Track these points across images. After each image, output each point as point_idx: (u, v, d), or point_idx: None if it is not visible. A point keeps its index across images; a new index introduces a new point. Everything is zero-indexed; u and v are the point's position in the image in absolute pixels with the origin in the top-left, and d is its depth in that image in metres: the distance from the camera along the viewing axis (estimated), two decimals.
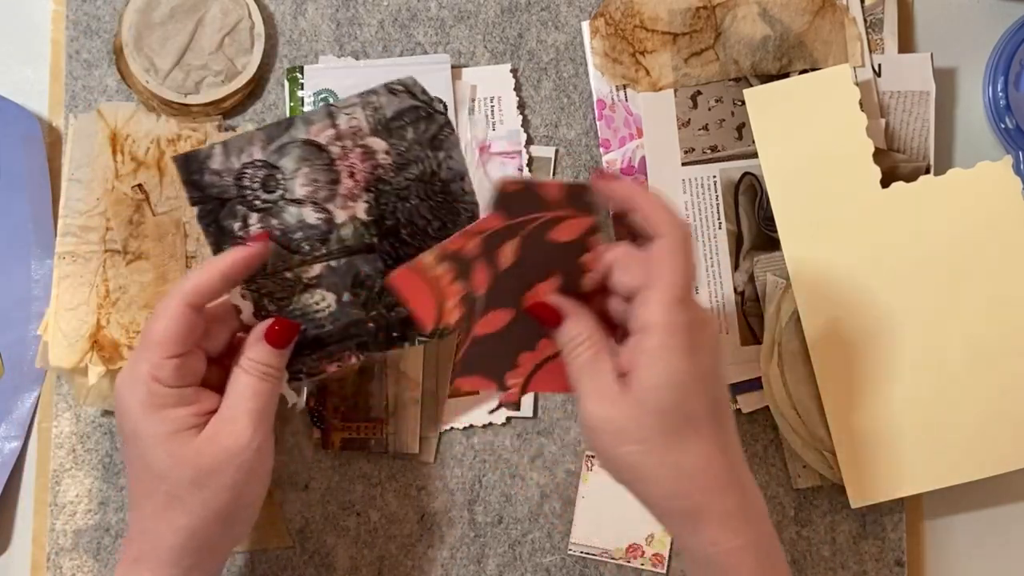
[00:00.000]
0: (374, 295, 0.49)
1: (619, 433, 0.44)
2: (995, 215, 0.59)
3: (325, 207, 0.48)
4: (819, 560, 0.61)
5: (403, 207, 0.49)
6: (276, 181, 0.48)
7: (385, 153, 0.48)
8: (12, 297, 0.60)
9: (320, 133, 0.48)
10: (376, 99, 0.48)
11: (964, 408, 0.58)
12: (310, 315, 0.49)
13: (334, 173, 0.48)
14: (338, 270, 0.49)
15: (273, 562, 0.60)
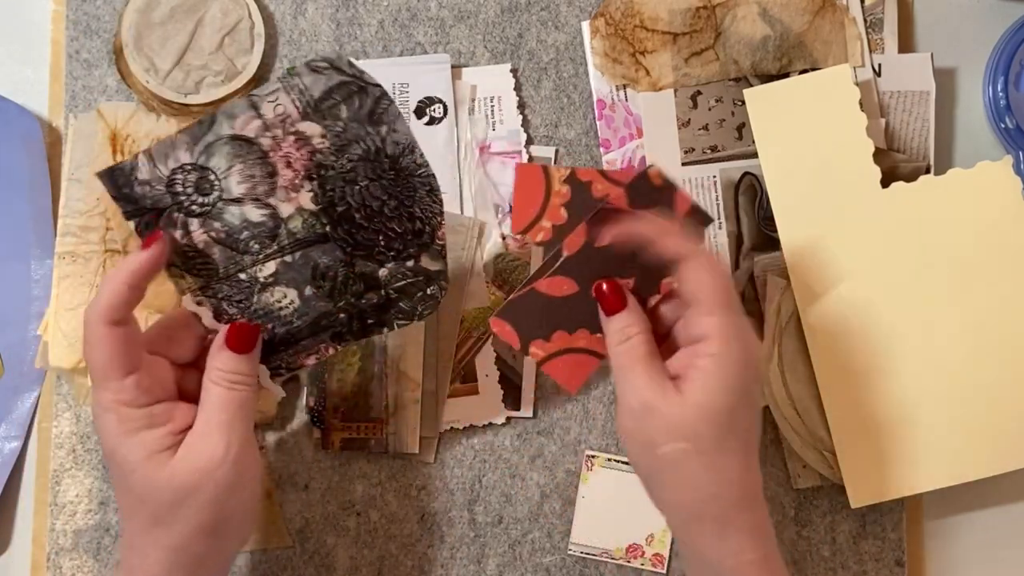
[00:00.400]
0: (339, 284, 0.47)
1: (671, 429, 0.45)
2: (995, 215, 0.59)
3: (267, 202, 0.46)
4: (819, 560, 0.61)
5: (352, 190, 0.46)
6: (210, 183, 0.45)
7: (321, 137, 0.45)
8: (12, 297, 0.60)
9: (246, 126, 0.45)
10: (299, 81, 0.45)
11: (964, 408, 0.58)
12: (275, 314, 0.48)
13: (269, 166, 0.45)
14: (294, 265, 0.47)
15: (273, 562, 0.60)
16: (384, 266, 0.46)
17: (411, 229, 0.46)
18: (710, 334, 0.46)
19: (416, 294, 0.47)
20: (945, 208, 0.59)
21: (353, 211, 0.46)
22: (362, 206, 0.46)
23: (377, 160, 0.46)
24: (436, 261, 0.46)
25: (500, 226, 0.61)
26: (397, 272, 0.46)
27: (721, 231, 0.61)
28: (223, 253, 0.46)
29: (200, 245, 0.46)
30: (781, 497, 0.61)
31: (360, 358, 0.60)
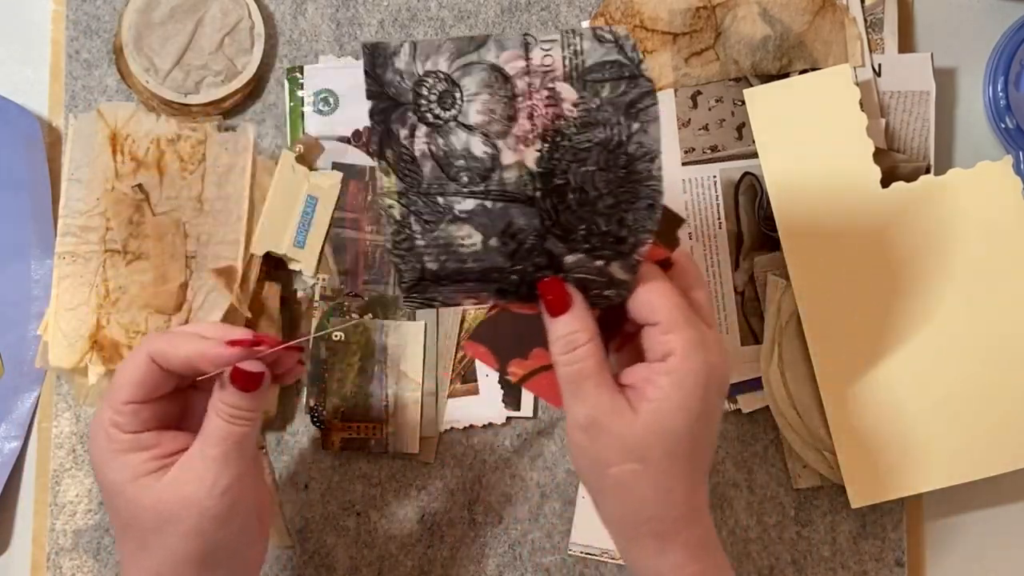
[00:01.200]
0: (523, 251, 0.45)
1: (623, 450, 0.44)
2: (995, 215, 0.59)
3: (495, 142, 0.44)
4: (819, 560, 0.61)
5: (576, 169, 0.43)
6: (453, 99, 0.43)
7: (573, 105, 0.43)
8: (12, 297, 0.60)
9: (510, 62, 0.43)
10: (579, 42, 0.43)
11: (964, 408, 0.58)
12: (454, 247, 0.45)
13: (513, 109, 0.43)
14: (492, 212, 0.44)
15: (273, 562, 0.60)
16: (573, 254, 0.44)
17: (615, 233, 0.44)
18: (669, 352, 0.44)
19: (593, 291, 0.45)
20: (945, 208, 0.59)
21: (569, 189, 0.44)
22: (579, 189, 0.44)
23: (615, 152, 0.43)
24: (626, 272, 0.44)
25: None
26: (583, 265, 0.44)
27: (721, 231, 0.61)
28: (433, 171, 0.44)
29: (417, 153, 0.44)
30: (781, 497, 0.61)
31: (360, 358, 0.60)
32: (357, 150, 0.61)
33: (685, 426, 0.43)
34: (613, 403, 0.44)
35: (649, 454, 0.43)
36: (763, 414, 0.61)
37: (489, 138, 0.44)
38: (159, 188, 0.58)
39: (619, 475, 0.44)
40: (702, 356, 0.44)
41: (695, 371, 0.43)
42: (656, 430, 0.43)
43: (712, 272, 0.61)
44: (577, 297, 0.45)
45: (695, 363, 0.43)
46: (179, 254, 0.58)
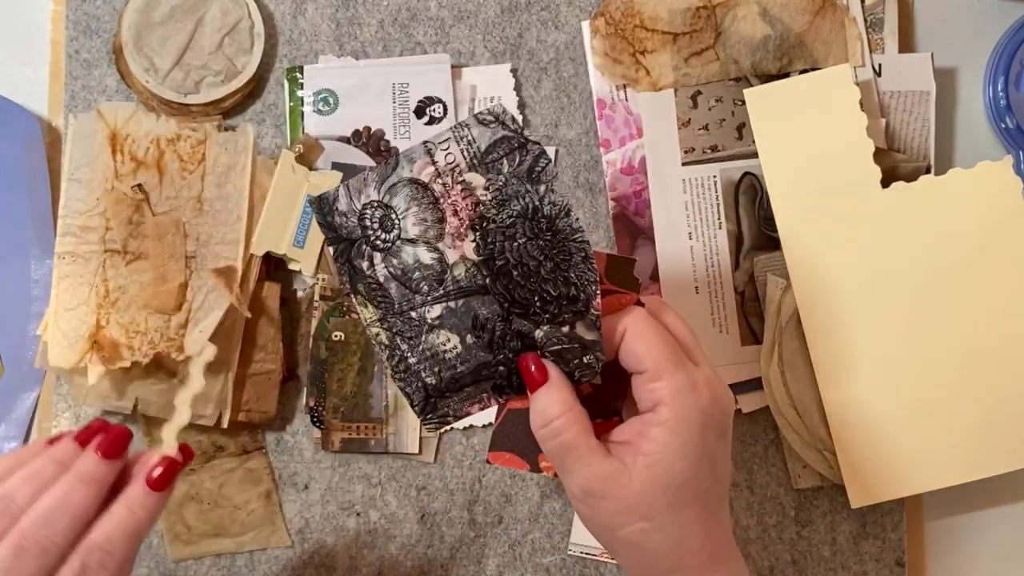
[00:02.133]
0: (497, 338, 0.47)
1: (628, 512, 0.43)
2: (995, 215, 0.59)
3: (436, 246, 0.47)
4: (819, 560, 0.61)
5: (511, 246, 0.46)
6: (391, 221, 0.47)
7: (484, 189, 0.46)
8: (12, 297, 0.60)
9: (422, 171, 0.47)
10: (468, 132, 0.46)
11: (964, 408, 0.58)
12: (439, 356, 0.48)
13: (439, 211, 0.47)
14: (457, 311, 0.47)
15: (273, 562, 0.60)
16: (540, 327, 0.46)
17: (566, 294, 0.45)
18: (659, 401, 0.43)
19: (572, 360, 0.46)
20: (945, 208, 0.59)
21: (511, 267, 0.46)
22: (519, 263, 0.46)
23: (535, 219, 0.46)
24: (591, 331, 0.45)
25: None
26: (553, 336, 0.46)
27: (721, 231, 0.61)
28: (399, 290, 0.47)
29: (381, 279, 0.47)
30: (781, 497, 0.61)
31: (360, 358, 0.60)
32: (357, 150, 0.61)
33: (686, 474, 0.43)
34: (602, 469, 0.43)
35: (654, 510, 0.43)
36: (763, 414, 0.61)
37: (431, 244, 0.47)
38: (159, 188, 0.58)
39: (628, 536, 0.43)
40: (692, 400, 0.43)
41: (687, 417, 0.43)
42: (656, 485, 0.42)
43: (712, 272, 0.61)
44: (553, 370, 0.45)
45: (686, 409, 0.43)
46: (179, 254, 0.58)
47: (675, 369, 0.43)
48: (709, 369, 0.45)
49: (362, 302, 0.48)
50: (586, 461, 0.43)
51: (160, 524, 0.59)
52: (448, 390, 0.48)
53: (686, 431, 0.43)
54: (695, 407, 0.43)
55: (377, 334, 0.48)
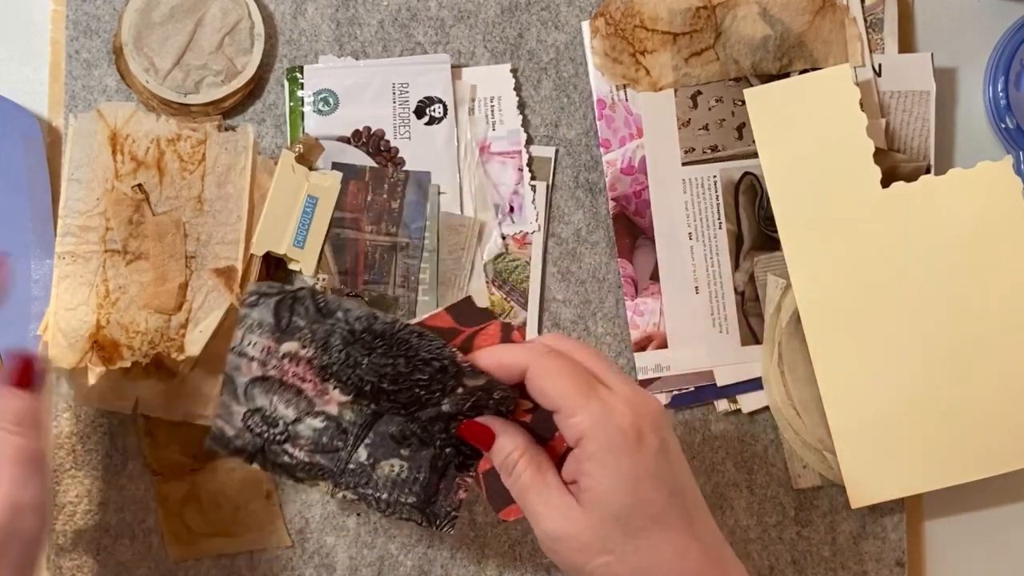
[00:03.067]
0: (421, 435, 0.49)
1: (586, 549, 0.42)
2: (995, 215, 0.59)
3: (315, 411, 0.49)
4: (819, 560, 0.61)
5: (362, 371, 0.47)
6: (270, 416, 0.49)
7: (302, 347, 0.48)
8: (12, 297, 0.60)
9: (251, 371, 0.48)
10: (251, 319, 0.48)
11: (964, 408, 0.58)
12: (398, 480, 0.50)
13: (292, 387, 0.48)
14: (376, 443, 0.49)
15: (273, 562, 0.60)
16: (441, 405, 0.47)
17: (433, 371, 0.47)
18: (580, 435, 0.42)
19: (488, 403, 0.47)
20: (945, 208, 0.59)
21: (378, 384, 0.48)
22: (381, 376, 0.47)
23: (359, 340, 0.47)
24: (476, 377, 0.46)
25: (500, 226, 0.61)
26: (456, 402, 0.47)
27: (721, 231, 0.61)
28: (325, 458, 0.50)
29: (306, 460, 0.49)
30: (781, 497, 0.61)
31: None
32: (357, 150, 0.61)
33: (630, 502, 0.42)
34: (560, 507, 0.43)
35: (612, 543, 0.42)
36: (763, 414, 0.61)
37: (311, 412, 0.49)
38: (159, 188, 0.58)
39: (596, 572, 0.43)
40: (612, 427, 0.42)
41: (611, 446, 0.42)
42: (604, 519, 0.42)
43: (712, 272, 0.61)
44: (494, 423, 0.46)
45: (607, 437, 0.42)
46: (179, 254, 0.58)
47: (587, 400, 0.42)
48: (627, 387, 0.44)
49: (312, 483, 0.50)
50: (543, 499, 0.44)
51: (160, 524, 0.59)
52: (430, 497, 0.50)
53: (614, 460, 0.42)
54: (616, 433, 0.42)
55: (344, 497, 0.50)
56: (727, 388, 0.61)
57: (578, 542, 0.43)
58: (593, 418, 0.42)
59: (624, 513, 0.42)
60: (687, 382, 0.61)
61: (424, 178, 0.61)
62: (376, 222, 0.60)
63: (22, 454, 0.45)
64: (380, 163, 0.61)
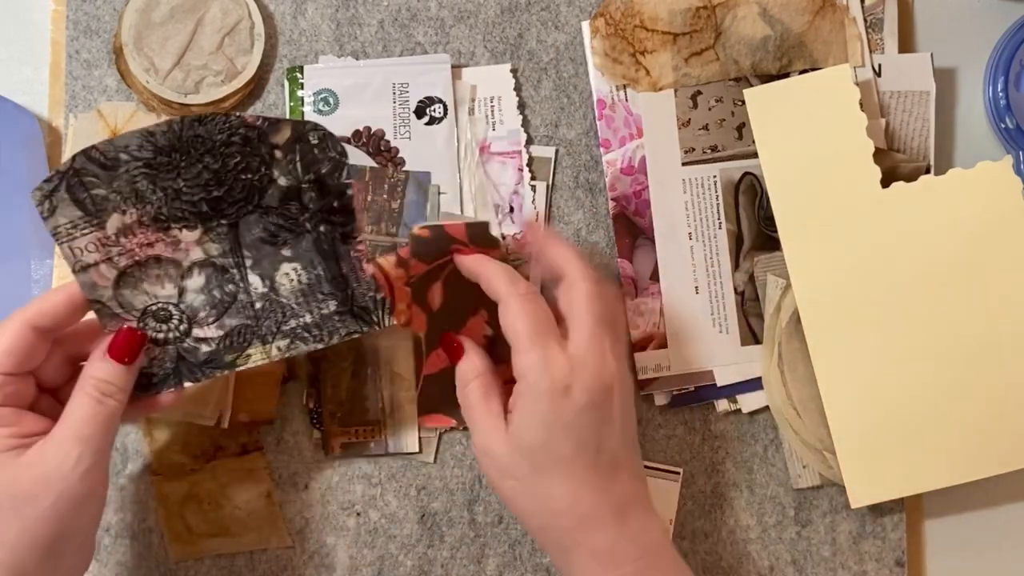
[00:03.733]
0: (287, 225, 0.47)
1: (501, 468, 0.48)
2: (995, 215, 0.59)
3: (185, 269, 0.47)
4: (819, 560, 0.61)
5: (186, 194, 0.45)
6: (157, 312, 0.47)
7: (122, 213, 0.45)
8: (12, 297, 0.60)
9: (105, 273, 0.46)
10: (62, 227, 0.45)
11: (964, 408, 0.58)
12: (306, 290, 0.48)
13: (148, 263, 0.46)
14: (257, 258, 0.47)
15: (273, 562, 0.60)
16: (276, 180, 0.46)
17: (239, 148, 0.45)
18: (519, 374, 0.48)
19: (312, 155, 0.47)
20: (945, 208, 0.59)
21: (209, 196, 0.46)
22: (205, 186, 0.46)
23: (158, 168, 0.45)
24: (277, 129, 0.46)
25: (500, 226, 0.61)
26: (284, 169, 0.46)
27: (721, 231, 0.61)
28: (232, 315, 0.48)
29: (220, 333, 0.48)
30: (781, 497, 0.61)
31: (352, 362, 0.59)
32: (357, 150, 0.61)
33: (540, 441, 0.47)
34: (490, 427, 0.48)
35: (519, 471, 0.48)
36: (763, 414, 0.61)
37: (183, 273, 0.47)
38: None
39: (504, 492, 0.49)
40: (544, 375, 0.47)
41: (537, 390, 0.47)
42: (516, 448, 0.48)
43: (712, 272, 0.61)
44: (467, 343, 0.52)
45: (535, 383, 0.47)
46: None
47: (531, 346, 0.47)
48: (583, 347, 0.48)
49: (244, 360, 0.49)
50: (481, 418, 0.49)
51: (160, 524, 0.59)
52: (344, 290, 0.49)
53: (535, 402, 0.47)
54: (546, 381, 0.47)
55: (279, 350, 0.49)
56: (727, 388, 0.61)
57: (498, 462, 0.48)
58: (531, 363, 0.47)
59: (532, 449, 0.47)
60: (687, 382, 0.61)
61: (424, 178, 0.61)
62: (376, 222, 0.60)
63: (91, 415, 0.45)
64: (380, 163, 0.61)
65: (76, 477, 0.44)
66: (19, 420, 0.45)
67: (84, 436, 0.45)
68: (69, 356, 0.49)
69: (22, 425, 0.45)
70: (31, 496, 0.43)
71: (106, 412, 0.46)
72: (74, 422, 0.45)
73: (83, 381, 0.46)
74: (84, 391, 0.46)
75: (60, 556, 0.45)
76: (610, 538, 0.47)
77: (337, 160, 0.48)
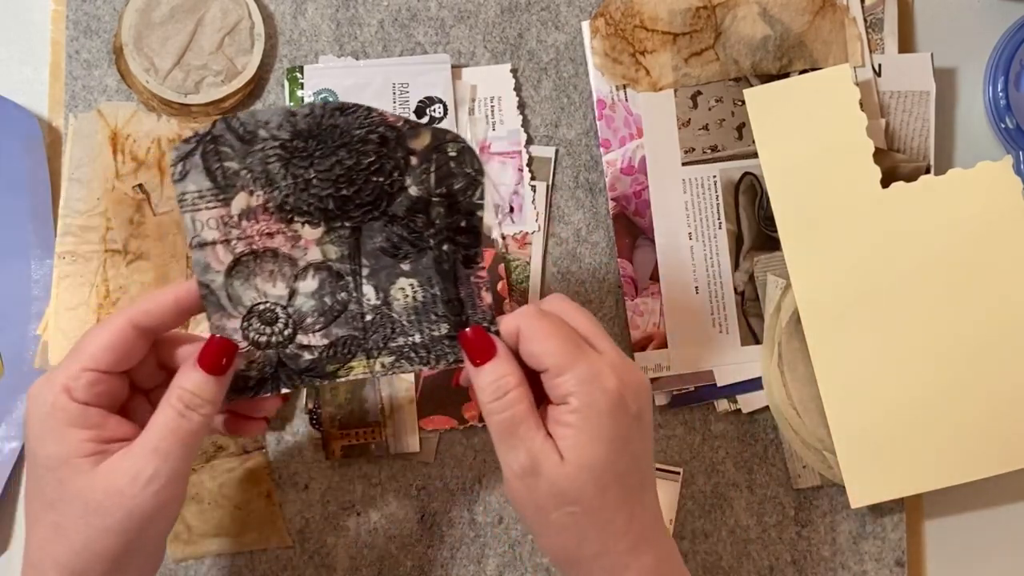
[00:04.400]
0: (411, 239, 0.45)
1: (558, 494, 0.43)
2: (995, 215, 0.59)
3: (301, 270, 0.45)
4: (819, 560, 0.61)
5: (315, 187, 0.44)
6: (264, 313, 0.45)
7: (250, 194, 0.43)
8: (12, 297, 0.60)
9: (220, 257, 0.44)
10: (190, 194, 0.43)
11: (964, 408, 0.58)
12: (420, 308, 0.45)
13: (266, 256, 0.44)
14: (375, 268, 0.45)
15: (273, 562, 0.60)
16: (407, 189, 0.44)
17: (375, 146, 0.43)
18: (567, 393, 0.43)
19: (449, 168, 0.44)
20: (945, 208, 0.59)
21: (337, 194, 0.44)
22: (336, 183, 0.43)
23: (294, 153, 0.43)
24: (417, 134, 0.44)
25: (500, 226, 0.61)
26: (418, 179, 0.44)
27: (721, 231, 0.61)
28: (341, 325, 0.45)
29: (325, 342, 0.45)
30: (781, 497, 0.61)
31: None
32: None
33: (604, 457, 0.43)
34: (544, 448, 0.44)
35: (582, 495, 0.43)
36: (763, 414, 0.61)
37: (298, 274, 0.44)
38: (160, 188, 0.59)
39: (560, 519, 0.44)
40: (597, 387, 0.43)
41: (594, 403, 0.43)
42: (581, 467, 0.43)
43: (712, 272, 0.61)
44: (500, 344, 0.45)
45: (592, 396, 0.43)
46: (180, 254, 0.58)
47: (575, 362, 0.43)
48: (615, 354, 0.45)
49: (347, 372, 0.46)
50: (533, 436, 0.44)
51: None
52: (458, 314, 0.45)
53: (596, 416, 0.43)
54: (600, 392, 0.43)
55: (383, 366, 0.46)
56: (727, 388, 0.61)
57: (554, 487, 0.43)
58: (580, 378, 0.43)
59: (597, 467, 0.43)
60: (687, 382, 0.61)
61: None
62: None
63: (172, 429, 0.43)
64: None
65: (148, 494, 0.42)
66: (104, 423, 0.43)
67: (162, 451, 0.42)
68: (164, 361, 0.47)
69: (106, 429, 0.43)
70: (101, 508, 0.42)
71: (188, 427, 0.43)
72: (154, 435, 0.43)
73: (170, 392, 0.44)
74: (169, 403, 0.43)
75: (125, 569, 0.44)
76: (654, 555, 0.45)
77: (473, 177, 0.44)
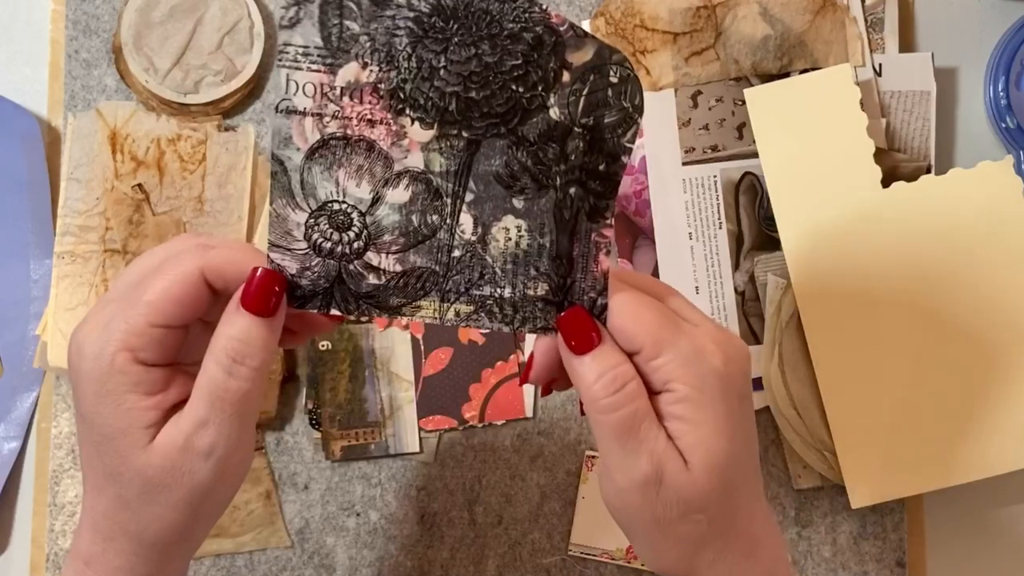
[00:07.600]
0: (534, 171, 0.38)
1: (684, 502, 0.37)
2: (996, 215, 0.59)
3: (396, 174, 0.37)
4: (820, 560, 0.61)
5: (440, 79, 0.37)
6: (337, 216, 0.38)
7: (363, 67, 0.37)
8: (11, 297, 0.60)
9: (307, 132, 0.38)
10: (293, 48, 0.36)
11: (964, 408, 0.58)
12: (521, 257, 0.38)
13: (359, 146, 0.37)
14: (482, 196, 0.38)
15: (273, 562, 0.60)
16: (548, 109, 0.37)
17: (526, 48, 0.36)
18: (668, 378, 0.37)
19: (606, 99, 0.37)
20: (946, 208, 0.59)
21: (464, 94, 0.37)
22: (466, 80, 0.36)
23: (429, 31, 0.36)
24: (580, 46, 0.37)
25: None
26: (565, 101, 0.37)
27: (721, 231, 0.61)
28: (421, 253, 0.38)
29: (399, 269, 0.38)
30: (782, 497, 0.61)
31: (349, 365, 0.59)
32: None
33: (727, 451, 0.37)
34: (668, 451, 0.37)
35: (709, 501, 0.37)
36: (763, 414, 0.61)
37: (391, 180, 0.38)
38: (159, 188, 0.58)
39: (682, 530, 0.37)
40: (706, 366, 0.37)
41: (706, 387, 0.37)
42: (710, 472, 0.37)
43: (712, 272, 0.61)
44: (605, 331, 0.38)
45: (700, 378, 0.37)
46: None
47: (675, 338, 0.37)
48: (711, 324, 0.38)
49: (413, 311, 0.38)
50: (654, 437, 0.37)
51: None
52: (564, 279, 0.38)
53: (709, 404, 0.37)
54: (710, 373, 0.37)
55: (458, 314, 0.38)
56: None
57: (679, 495, 0.37)
58: (684, 358, 0.36)
59: (722, 467, 0.37)
60: None
61: None
62: None
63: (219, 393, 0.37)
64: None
65: (207, 469, 0.37)
66: (169, 385, 0.38)
67: (211, 421, 0.37)
68: None
69: (169, 393, 0.38)
70: (163, 485, 0.37)
71: (238, 387, 0.37)
72: (201, 404, 0.37)
73: (214, 342, 0.37)
74: (213, 357, 0.37)
75: (194, 534, 0.40)
76: (772, 557, 0.39)
77: (628, 114, 0.37)
